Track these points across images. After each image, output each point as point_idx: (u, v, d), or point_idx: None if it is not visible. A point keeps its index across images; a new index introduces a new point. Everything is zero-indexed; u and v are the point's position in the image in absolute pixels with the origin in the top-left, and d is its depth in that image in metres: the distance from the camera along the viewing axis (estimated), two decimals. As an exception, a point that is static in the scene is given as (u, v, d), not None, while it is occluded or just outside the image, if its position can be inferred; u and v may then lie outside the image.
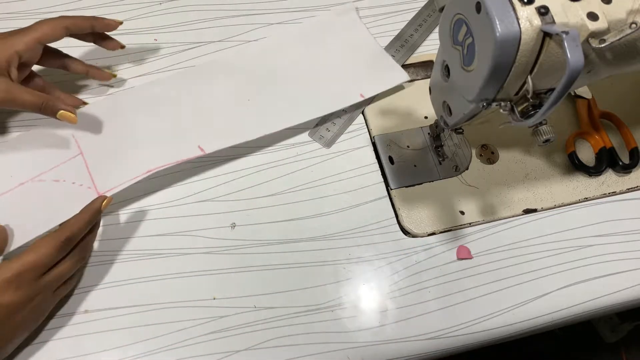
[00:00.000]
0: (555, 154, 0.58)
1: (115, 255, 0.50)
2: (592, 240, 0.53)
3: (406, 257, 0.52)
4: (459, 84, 0.40)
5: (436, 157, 0.57)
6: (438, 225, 0.53)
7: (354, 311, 0.49)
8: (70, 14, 0.52)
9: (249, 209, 0.53)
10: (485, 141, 0.58)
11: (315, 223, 0.53)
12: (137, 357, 0.46)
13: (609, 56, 0.38)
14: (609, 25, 0.35)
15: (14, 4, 0.63)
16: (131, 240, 0.50)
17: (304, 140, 0.57)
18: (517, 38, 0.33)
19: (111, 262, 0.49)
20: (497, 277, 0.51)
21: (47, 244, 0.39)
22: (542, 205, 0.55)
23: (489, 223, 0.54)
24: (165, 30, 0.63)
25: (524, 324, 0.49)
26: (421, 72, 0.63)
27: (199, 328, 0.47)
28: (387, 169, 0.56)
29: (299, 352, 0.47)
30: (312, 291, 0.49)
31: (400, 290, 0.50)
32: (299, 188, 0.54)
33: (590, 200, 0.56)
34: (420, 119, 0.59)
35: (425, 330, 0.48)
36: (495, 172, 0.57)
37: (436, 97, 0.47)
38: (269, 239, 0.52)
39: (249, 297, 0.49)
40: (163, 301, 0.48)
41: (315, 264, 0.51)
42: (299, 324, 0.48)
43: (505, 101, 0.38)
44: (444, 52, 0.42)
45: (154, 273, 0.49)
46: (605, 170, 0.57)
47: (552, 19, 0.33)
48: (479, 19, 0.34)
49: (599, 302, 0.50)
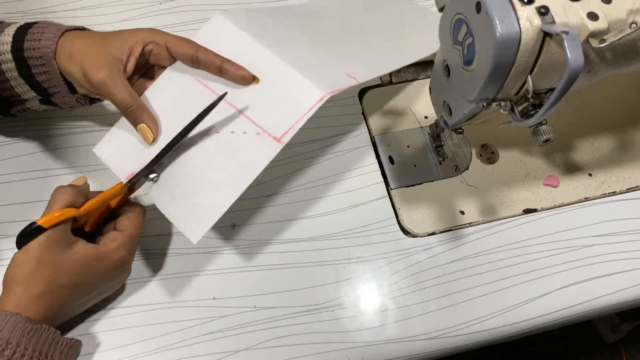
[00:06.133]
0: (555, 154, 0.58)
1: (115, 255, 0.50)
2: (592, 240, 0.53)
3: (406, 257, 0.51)
4: (459, 84, 0.40)
5: (436, 157, 0.57)
6: (438, 225, 0.53)
7: (354, 311, 0.49)
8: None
9: (249, 209, 0.53)
10: (485, 141, 0.58)
11: (315, 223, 0.53)
12: (137, 357, 0.46)
13: (609, 56, 0.38)
14: (609, 25, 0.35)
15: (14, 3, 0.63)
16: (131, 240, 0.50)
17: (303, 140, 0.57)
18: (517, 38, 0.33)
19: (111, 262, 0.49)
20: (497, 277, 0.51)
21: (142, 215, 0.46)
22: (542, 205, 0.55)
23: (489, 223, 0.54)
24: (165, 30, 0.63)
25: (524, 324, 0.49)
26: (421, 72, 0.63)
27: (199, 328, 0.47)
28: (387, 169, 0.56)
29: (299, 352, 0.47)
30: (312, 291, 0.49)
31: (400, 290, 0.50)
32: (299, 188, 0.54)
33: (590, 200, 0.56)
34: (420, 119, 0.59)
35: (425, 330, 0.48)
36: (495, 172, 0.57)
37: (436, 97, 0.47)
38: (269, 239, 0.52)
39: (249, 297, 0.49)
40: (163, 301, 0.48)
41: (315, 264, 0.51)
42: (299, 324, 0.48)
43: (505, 101, 0.38)
44: (444, 52, 0.42)
45: (154, 273, 0.49)
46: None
47: (552, 19, 0.33)
48: (479, 19, 0.34)
49: (599, 302, 0.50)
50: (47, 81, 0.45)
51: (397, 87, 0.61)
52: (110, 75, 0.42)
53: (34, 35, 0.44)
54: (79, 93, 0.47)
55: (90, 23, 0.62)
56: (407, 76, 0.63)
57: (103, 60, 0.42)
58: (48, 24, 0.45)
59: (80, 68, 0.42)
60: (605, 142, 0.59)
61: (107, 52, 0.43)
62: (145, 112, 0.45)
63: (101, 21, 0.63)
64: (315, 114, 0.59)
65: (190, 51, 0.45)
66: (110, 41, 0.44)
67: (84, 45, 0.44)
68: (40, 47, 0.43)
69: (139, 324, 0.47)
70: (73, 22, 0.62)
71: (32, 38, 0.43)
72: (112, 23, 0.63)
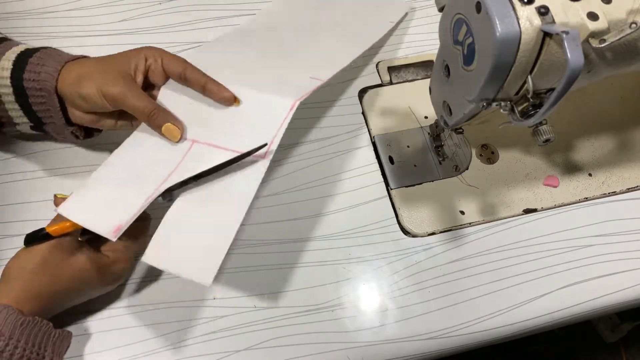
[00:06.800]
0: (555, 154, 0.58)
1: (115, 255, 0.50)
2: (592, 240, 0.53)
3: (406, 257, 0.51)
4: (459, 84, 0.40)
5: (436, 157, 0.57)
6: (438, 225, 0.53)
7: (354, 311, 0.49)
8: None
9: (249, 209, 0.53)
10: (485, 141, 0.58)
11: (315, 223, 0.53)
12: (137, 357, 0.46)
13: (609, 56, 0.38)
14: (609, 25, 0.35)
15: (14, 4, 0.63)
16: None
17: (303, 140, 0.57)
18: (517, 38, 0.33)
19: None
20: (497, 277, 0.51)
21: (147, 229, 0.47)
22: (542, 205, 0.55)
23: (489, 223, 0.54)
24: (165, 30, 0.63)
25: (524, 324, 0.49)
26: (421, 72, 0.63)
27: (199, 328, 0.47)
28: (387, 169, 0.56)
29: (299, 352, 0.47)
30: (312, 291, 0.49)
31: (400, 290, 0.50)
32: (299, 188, 0.54)
33: (590, 200, 0.56)
34: (420, 119, 0.59)
35: (425, 330, 0.48)
36: (495, 172, 0.57)
37: (436, 97, 0.47)
38: (269, 239, 0.52)
39: (249, 297, 0.49)
40: (163, 301, 0.48)
41: (315, 264, 0.51)
42: (299, 324, 0.48)
43: (505, 101, 0.38)
44: (444, 52, 0.42)
45: (154, 273, 0.49)
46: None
47: (552, 18, 0.33)
48: (479, 19, 0.34)
49: (599, 302, 0.50)
50: (44, 111, 0.46)
51: (397, 87, 0.61)
52: (127, 86, 0.44)
53: (35, 66, 0.44)
54: (75, 124, 0.47)
55: (90, 23, 0.63)
56: (407, 76, 0.63)
57: (117, 74, 0.44)
58: (49, 54, 0.45)
59: (96, 87, 0.43)
60: (605, 142, 0.59)
61: (118, 69, 0.45)
62: (168, 113, 0.46)
63: (101, 21, 0.63)
64: (316, 114, 0.60)
65: (179, 69, 0.47)
66: (116, 59, 0.46)
67: (93, 65, 0.45)
68: (40, 80, 0.44)
69: (139, 324, 0.47)
70: (73, 22, 0.62)
71: (33, 69, 0.44)
72: (112, 23, 0.63)
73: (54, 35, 0.61)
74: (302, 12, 0.65)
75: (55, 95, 0.44)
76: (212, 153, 0.45)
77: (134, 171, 0.45)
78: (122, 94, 0.43)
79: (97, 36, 0.62)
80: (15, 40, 0.51)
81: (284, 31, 0.62)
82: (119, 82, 0.43)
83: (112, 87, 0.43)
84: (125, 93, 0.43)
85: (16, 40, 0.49)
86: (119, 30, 0.56)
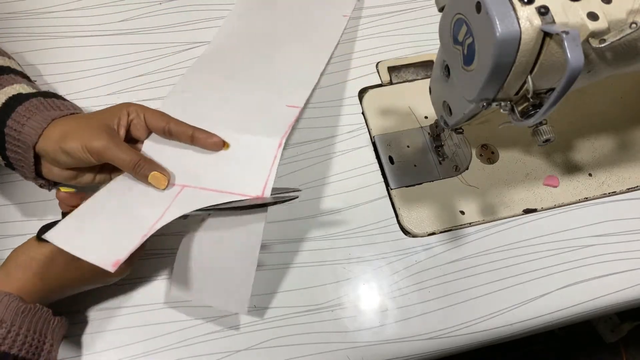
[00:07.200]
0: (555, 154, 0.58)
1: (115, 255, 0.50)
2: (592, 240, 0.53)
3: (406, 257, 0.52)
4: (459, 84, 0.40)
5: (436, 157, 0.57)
6: (438, 225, 0.53)
7: (354, 311, 0.49)
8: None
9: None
10: (485, 141, 0.58)
11: (315, 223, 0.53)
12: (137, 357, 0.46)
13: (609, 56, 0.38)
14: (609, 25, 0.35)
15: (14, 3, 0.63)
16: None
17: (303, 140, 0.57)
18: (517, 38, 0.33)
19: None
20: (497, 277, 0.51)
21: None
22: (542, 205, 0.55)
23: (489, 223, 0.54)
24: (165, 30, 0.63)
25: (524, 324, 0.49)
26: (421, 72, 0.63)
27: (199, 328, 0.47)
28: (387, 169, 0.56)
29: (299, 352, 0.47)
30: (312, 291, 0.49)
31: (400, 290, 0.50)
32: (299, 188, 0.54)
33: (590, 200, 0.56)
34: (420, 119, 0.59)
35: (425, 330, 0.48)
36: (495, 172, 0.57)
37: (436, 97, 0.47)
38: (269, 239, 0.52)
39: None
40: (163, 301, 0.48)
41: (315, 263, 0.51)
42: (299, 324, 0.48)
43: (505, 101, 0.38)
44: (444, 52, 0.42)
45: (154, 273, 0.49)
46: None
47: (552, 18, 0.33)
48: (479, 19, 0.34)
49: (599, 302, 0.50)
50: (17, 160, 0.45)
51: (397, 87, 0.61)
52: (111, 140, 0.44)
53: (20, 116, 0.44)
54: (47, 178, 0.47)
55: (90, 23, 0.62)
56: (407, 76, 0.63)
57: (100, 129, 0.44)
58: (38, 108, 0.45)
59: (80, 142, 0.43)
60: (605, 142, 0.59)
61: (102, 123, 0.45)
62: (154, 162, 0.46)
63: (101, 21, 0.63)
64: (316, 114, 0.60)
65: (162, 123, 0.47)
66: (99, 115, 0.46)
67: (77, 123, 0.45)
68: (22, 132, 0.44)
69: (139, 324, 0.47)
70: (73, 22, 0.62)
71: (18, 119, 0.44)
72: (112, 23, 0.63)
73: (54, 35, 0.61)
74: (257, 24, 0.64)
75: (32, 150, 0.44)
76: (204, 195, 0.45)
77: (126, 204, 0.45)
78: (105, 147, 0.43)
79: (98, 36, 0.62)
80: (17, 61, 0.51)
81: (246, 49, 0.62)
82: (102, 136, 0.43)
83: (96, 141, 0.43)
84: (110, 146, 0.43)
85: (20, 71, 0.49)
86: (120, 30, 0.56)
